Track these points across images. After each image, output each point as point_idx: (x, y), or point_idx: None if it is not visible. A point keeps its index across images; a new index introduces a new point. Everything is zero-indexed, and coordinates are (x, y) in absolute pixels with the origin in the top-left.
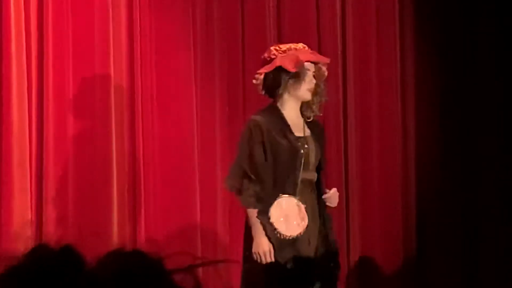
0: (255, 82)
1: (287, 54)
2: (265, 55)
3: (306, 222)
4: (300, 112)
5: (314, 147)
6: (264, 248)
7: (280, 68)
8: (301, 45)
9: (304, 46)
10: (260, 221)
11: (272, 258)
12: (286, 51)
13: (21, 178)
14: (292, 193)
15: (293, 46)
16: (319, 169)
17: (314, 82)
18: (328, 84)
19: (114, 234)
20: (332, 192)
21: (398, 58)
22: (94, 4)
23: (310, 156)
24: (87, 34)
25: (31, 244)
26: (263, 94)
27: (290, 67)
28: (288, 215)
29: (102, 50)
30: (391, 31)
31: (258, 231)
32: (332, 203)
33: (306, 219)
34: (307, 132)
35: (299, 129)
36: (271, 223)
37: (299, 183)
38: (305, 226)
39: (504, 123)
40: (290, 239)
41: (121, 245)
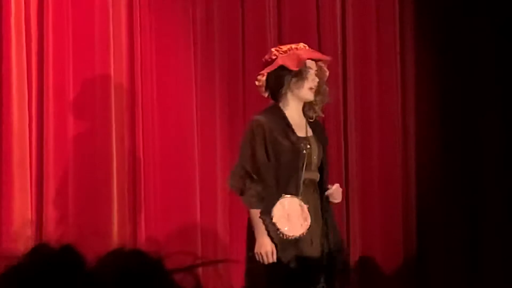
0: (257, 83)
1: (288, 53)
2: (266, 56)
3: (309, 222)
4: (302, 113)
5: (316, 147)
6: (266, 248)
7: (282, 67)
8: (301, 44)
9: (305, 45)
10: (263, 221)
11: (275, 259)
12: (287, 51)
13: (21, 178)
14: (295, 193)
15: (293, 46)
16: (321, 169)
17: (317, 80)
18: (328, 84)
19: (114, 233)
20: (334, 187)
21: (398, 58)
22: (94, 4)
23: (312, 156)
24: (87, 34)
25: (31, 244)
26: (266, 96)
27: (292, 66)
28: (291, 215)
29: (102, 50)
30: (391, 31)
31: (261, 231)
32: (336, 199)
33: (309, 219)
34: (309, 132)
35: (301, 129)
36: (274, 223)
37: (302, 183)
38: (307, 226)
39: (504, 123)
40: (292, 239)
41: (121, 244)
